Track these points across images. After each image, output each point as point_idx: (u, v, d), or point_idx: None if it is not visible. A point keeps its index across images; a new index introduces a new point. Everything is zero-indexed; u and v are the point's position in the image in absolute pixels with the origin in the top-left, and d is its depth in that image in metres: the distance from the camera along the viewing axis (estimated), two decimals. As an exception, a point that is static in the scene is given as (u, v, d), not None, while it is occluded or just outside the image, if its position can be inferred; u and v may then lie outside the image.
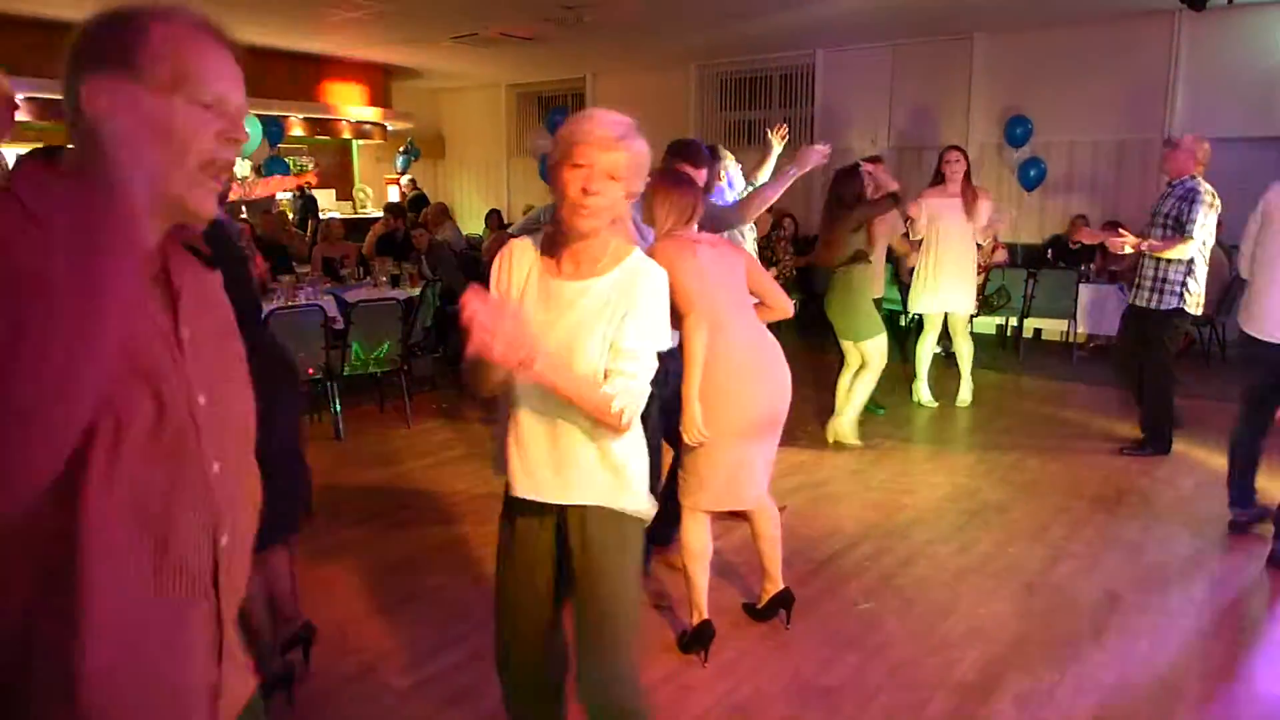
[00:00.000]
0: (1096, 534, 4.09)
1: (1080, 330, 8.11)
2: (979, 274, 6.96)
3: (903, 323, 8.07)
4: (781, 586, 3.20)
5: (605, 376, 1.80)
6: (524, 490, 1.93)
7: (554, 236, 1.86)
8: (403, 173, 13.72)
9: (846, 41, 10.25)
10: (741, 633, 3.18)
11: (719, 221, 3.66)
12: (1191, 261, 4.84)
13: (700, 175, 3.39)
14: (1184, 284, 4.88)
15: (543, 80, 13.51)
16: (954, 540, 4.03)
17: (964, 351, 6.32)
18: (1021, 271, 8.20)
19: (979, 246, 6.31)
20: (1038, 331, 8.83)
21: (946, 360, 7.61)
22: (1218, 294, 7.81)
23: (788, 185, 3.83)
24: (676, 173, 3.07)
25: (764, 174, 4.52)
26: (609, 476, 1.90)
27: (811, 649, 3.08)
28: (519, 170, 13.95)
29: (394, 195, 13.50)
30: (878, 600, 3.44)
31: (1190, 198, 4.76)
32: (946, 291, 6.03)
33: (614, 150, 1.71)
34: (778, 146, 4.59)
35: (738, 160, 4.45)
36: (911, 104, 10.21)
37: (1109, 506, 4.42)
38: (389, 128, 13.11)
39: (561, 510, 1.94)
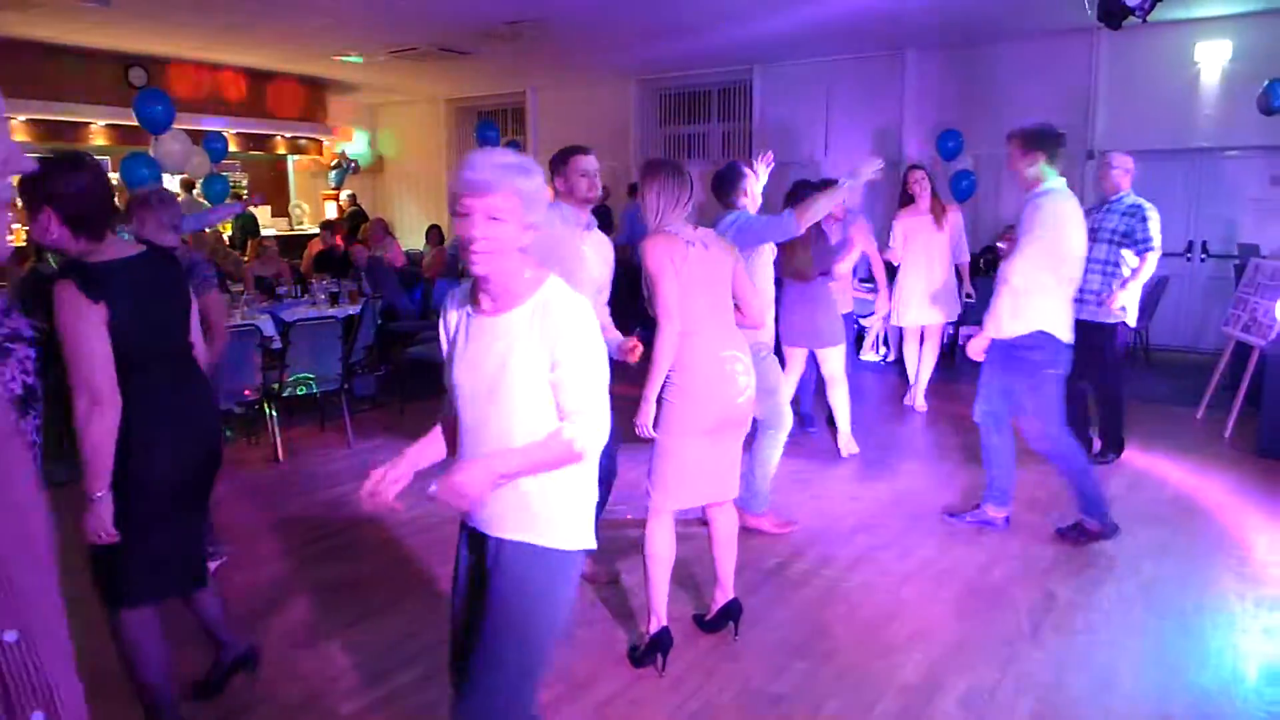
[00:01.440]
0: (1032, 535, 4.20)
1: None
2: None
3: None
4: (731, 596, 3.22)
5: (561, 414, 1.85)
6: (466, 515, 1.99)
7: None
8: (338, 188, 13.53)
9: (783, 58, 10.44)
10: (691, 644, 3.19)
11: (764, 233, 3.72)
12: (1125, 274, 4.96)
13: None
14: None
15: (482, 95, 13.47)
16: (897, 545, 4.10)
17: (929, 359, 6.51)
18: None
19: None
20: (970, 338, 9.05)
21: (888, 367, 7.77)
22: (1145, 301, 8.11)
23: (840, 197, 3.81)
24: (667, 162, 3.07)
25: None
26: (524, 509, 1.90)
27: (761, 658, 3.11)
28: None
29: (331, 211, 13.31)
30: (825, 608, 3.49)
31: (1138, 214, 4.93)
32: (925, 304, 6.27)
33: (489, 195, 1.75)
34: (763, 177, 4.46)
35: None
36: (847, 118, 10.42)
37: (1044, 508, 4.55)
38: (325, 142, 12.94)
39: (485, 539, 1.95)
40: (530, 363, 1.82)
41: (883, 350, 8.45)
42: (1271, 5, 7.77)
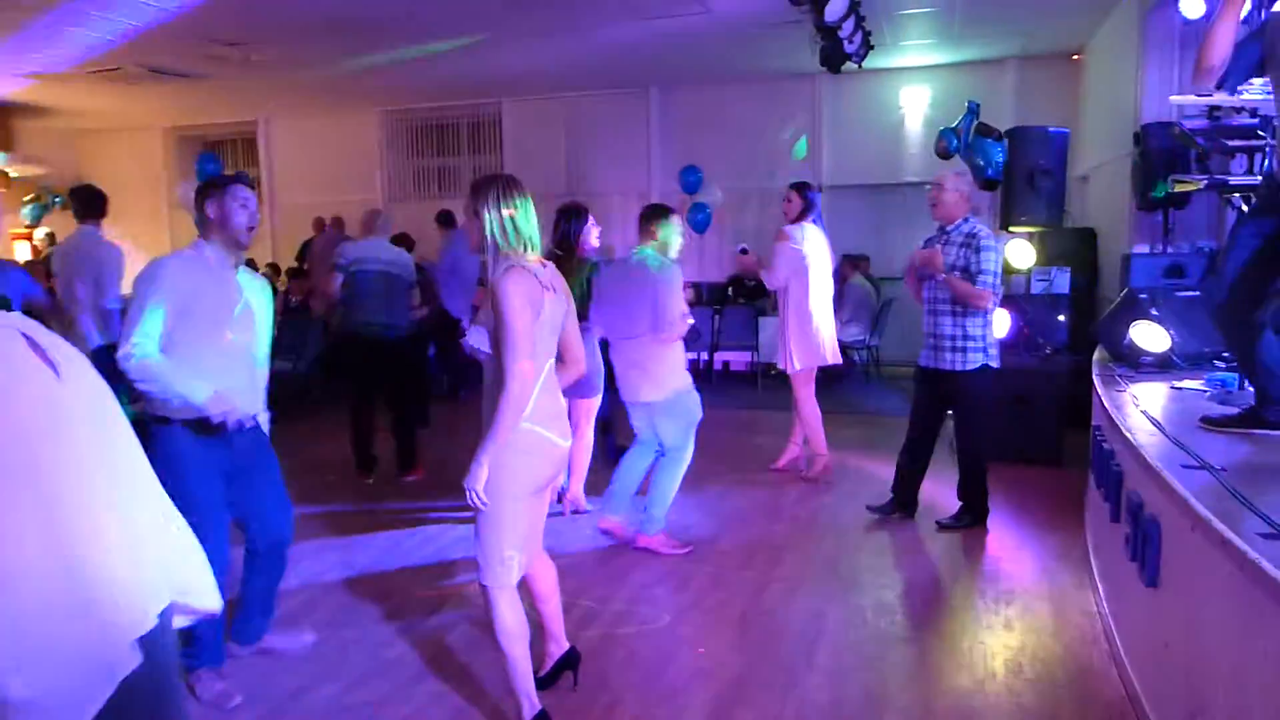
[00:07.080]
0: (800, 555, 4.31)
1: (761, 361, 8.81)
2: None
3: None
4: (566, 646, 3.04)
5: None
6: None
7: None
8: (33, 225, 11.81)
9: (531, 91, 10.43)
10: (467, 713, 2.92)
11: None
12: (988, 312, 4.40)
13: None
14: (984, 338, 4.44)
15: (208, 123, 12.38)
16: (671, 579, 4.05)
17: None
18: (708, 309, 8.74)
19: None
20: (726, 364, 9.43)
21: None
22: (870, 320, 8.80)
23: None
24: (503, 177, 2.63)
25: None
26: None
27: None
28: (183, 222, 12.58)
29: (23, 252, 11.58)
30: (604, 655, 3.33)
31: (975, 245, 4.34)
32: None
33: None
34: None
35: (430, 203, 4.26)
36: (596, 152, 10.59)
37: (805, 527, 4.71)
38: (13, 175, 11.29)
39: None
40: None
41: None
42: (960, 58, 8.80)
